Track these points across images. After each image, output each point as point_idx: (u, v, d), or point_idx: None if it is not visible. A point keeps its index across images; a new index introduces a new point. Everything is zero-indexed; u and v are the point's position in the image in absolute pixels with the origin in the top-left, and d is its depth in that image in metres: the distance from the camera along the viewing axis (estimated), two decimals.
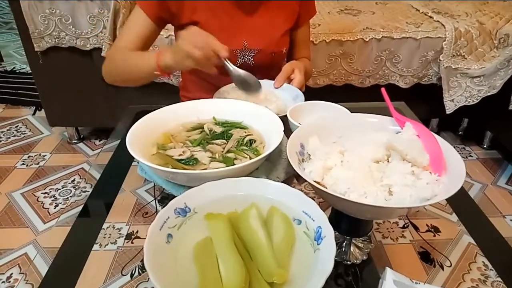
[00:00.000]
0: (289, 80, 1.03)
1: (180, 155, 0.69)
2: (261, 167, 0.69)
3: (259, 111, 0.78)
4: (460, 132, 2.32)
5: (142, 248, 0.46)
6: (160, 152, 0.70)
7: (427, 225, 0.70)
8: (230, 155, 0.70)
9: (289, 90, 1.01)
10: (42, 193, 1.83)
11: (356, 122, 0.71)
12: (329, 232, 0.49)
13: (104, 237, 0.66)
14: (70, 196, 1.81)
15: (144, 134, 0.71)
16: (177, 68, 0.90)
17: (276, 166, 0.71)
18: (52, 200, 1.78)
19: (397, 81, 1.92)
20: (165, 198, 0.73)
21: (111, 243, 0.64)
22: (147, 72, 0.92)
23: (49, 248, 1.50)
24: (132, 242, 0.64)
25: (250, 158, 0.69)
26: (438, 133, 0.63)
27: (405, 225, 0.70)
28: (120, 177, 0.79)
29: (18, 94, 2.72)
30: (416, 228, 0.69)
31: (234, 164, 0.66)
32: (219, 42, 0.83)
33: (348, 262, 0.62)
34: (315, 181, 0.57)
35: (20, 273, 1.43)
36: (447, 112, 1.91)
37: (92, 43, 1.77)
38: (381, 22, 1.89)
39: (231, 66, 0.87)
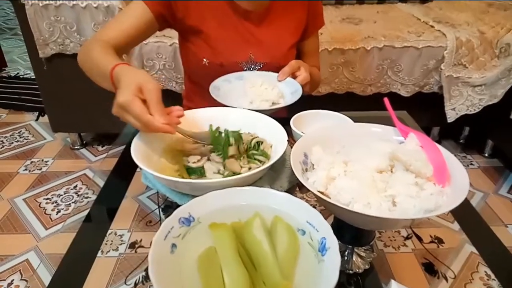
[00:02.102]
0: (294, 77, 1.02)
1: (194, 162, 0.70)
2: (264, 176, 0.69)
3: (262, 119, 0.79)
4: (461, 141, 2.32)
5: (146, 257, 0.46)
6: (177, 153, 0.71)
7: (430, 236, 0.70)
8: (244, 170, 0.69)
9: (289, 84, 1.00)
10: (44, 199, 1.84)
11: (359, 131, 0.72)
12: (333, 243, 0.49)
13: (106, 244, 0.66)
14: (72, 202, 1.81)
15: (149, 142, 0.71)
16: None
17: (280, 175, 0.71)
18: (54, 206, 1.79)
19: (399, 89, 1.92)
20: (168, 207, 0.73)
21: (113, 250, 0.65)
22: (104, 74, 0.79)
23: (50, 255, 1.51)
24: (135, 251, 0.64)
25: (259, 162, 0.69)
26: (439, 142, 0.64)
27: (409, 236, 0.70)
28: (125, 184, 0.79)
29: (21, 100, 2.73)
30: (420, 239, 0.69)
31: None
32: (161, 125, 0.65)
33: (350, 271, 0.62)
34: (318, 191, 0.58)
35: (21, 279, 1.43)
36: (449, 121, 1.91)
37: None
38: (382, 31, 1.90)
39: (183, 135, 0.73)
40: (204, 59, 1.03)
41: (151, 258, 0.46)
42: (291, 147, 0.66)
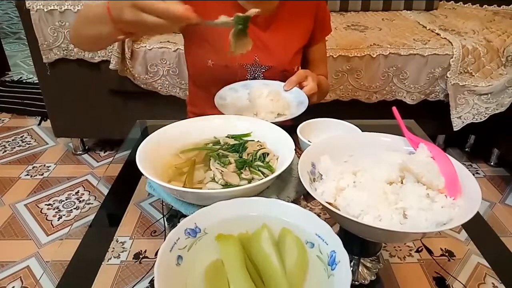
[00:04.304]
0: (301, 87, 1.00)
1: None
2: (271, 186, 0.68)
3: (269, 128, 0.77)
4: (466, 149, 2.30)
5: (151, 268, 0.45)
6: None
7: (441, 249, 0.68)
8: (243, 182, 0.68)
9: (296, 94, 0.99)
10: (45, 204, 1.82)
11: (367, 141, 0.71)
12: (343, 257, 0.47)
13: (108, 251, 0.65)
14: (74, 208, 1.80)
15: (154, 151, 0.70)
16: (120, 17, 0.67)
17: (287, 185, 0.70)
18: (55, 212, 1.77)
19: (404, 97, 1.91)
20: (173, 216, 0.72)
21: (114, 257, 0.64)
22: (98, 17, 0.72)
23: (51, 261, 1.49)
24: (140, 262, 0.63)
25: (263, 174, 0.67)
26: (444, 150, 0.63)
27: (419, 249, 0.68)
28: (129, 191, 0.78)
29: (24, 104, 2.73)
30: (430, 252, 0.68)
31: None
32: (181, 6, 0.63)
33: (356, 283, 0.61)
34: (327, 202, 0.56)
35: (22, 286, 1.42)
36: (455, 129, 1.90)
37: (100, 56, 1.78)
38: (388, 38, 1.90)
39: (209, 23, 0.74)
40: (209, 61, 1.03)
41: (157, 270, 0.45)
42: (298, 156, 0.65)
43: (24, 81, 3.13)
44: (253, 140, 0.77)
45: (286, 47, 1.07)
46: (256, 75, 1.07)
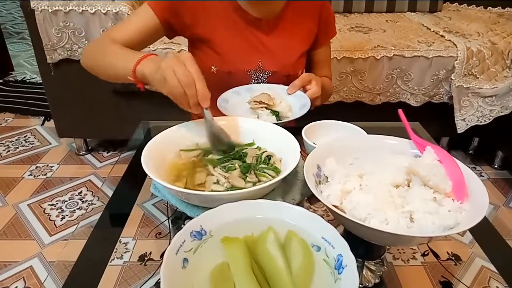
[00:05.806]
0: (304, 90, 1.00)
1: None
2: (276, 188, 0.67)
3: (274, 130, 0.77)
4: (470, 151, 2.29)
5: (156, 270, 0.44)
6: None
7: (447, 253, 0.68)
8: (248, 185, 0.67)
9: (298, 97, 0.99)
10: (49, 204, 1.83)
11: (373, 143, 0.70)
12: (350, 261, 0.47)
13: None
14: (77, 209, 1.80)
15: (159, 152, 0.70)
16: (151, 84, 0.78)
17: (292, 187, 0.70)
18: (58, 212, 1.77)
19: (408, 99, 1.91)
20: (178, 218, 0.72)
21: (117, 258, 0.64)
22: (121, 73, 0.83)
23: (54, 262, 1.49)
24: (145, 264, 0.63)
25: (269, 176, 0.67)
26: (448, 152, 0.62)
27: (425, 253, 0.68)
28: (134, 192, 0.78)
29: (27, 104, 2.73)
30: (436, 256, 0.67)
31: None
32: (206, 88, 0.71)
33: (360, 285, 0.61)
34: (333, 205, 0.56)
35: (25, 287, 1.42)
36: (458, 132, 1.89)
37: None
38: (392, 40, 1.89)
39: (209, 117, 0.75)
40: (212, 67, 1.02)
41: (163, 273, 0.45)
42: (303, 158, 0.64)
43: (28, 81, 3.13)
44: (253, 147, 0.77)
45: (290, 51, 1.06)
46: (260, 81, 1.06)
